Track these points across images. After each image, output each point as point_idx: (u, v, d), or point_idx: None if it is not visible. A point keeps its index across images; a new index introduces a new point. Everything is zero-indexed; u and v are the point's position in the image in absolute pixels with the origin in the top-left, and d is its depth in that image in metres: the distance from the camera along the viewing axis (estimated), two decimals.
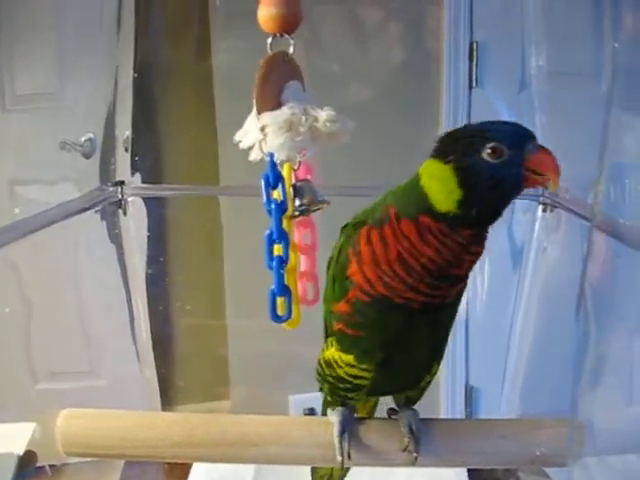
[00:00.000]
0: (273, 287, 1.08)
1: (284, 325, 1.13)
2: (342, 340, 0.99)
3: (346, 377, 1.01)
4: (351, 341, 0.97)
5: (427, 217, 0.86)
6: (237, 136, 1.06)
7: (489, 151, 0.83)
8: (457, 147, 0.86)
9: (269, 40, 1.06)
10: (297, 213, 1.13)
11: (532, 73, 2.07)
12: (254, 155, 1.06)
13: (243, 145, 1.05)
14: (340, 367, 1.00)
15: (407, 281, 0.88)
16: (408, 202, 0.89)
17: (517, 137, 0.84)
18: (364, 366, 0.98)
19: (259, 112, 1.02)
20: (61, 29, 2.33)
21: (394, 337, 0.94)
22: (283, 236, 1.06)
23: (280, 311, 1.10)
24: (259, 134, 1.02)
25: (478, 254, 0.89)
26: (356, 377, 1.00)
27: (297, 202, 1.13)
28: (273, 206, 1.05)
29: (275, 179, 1.05)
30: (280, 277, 1.07)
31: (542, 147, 0.85)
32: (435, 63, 2.55)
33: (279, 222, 1.06)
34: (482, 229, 0.89)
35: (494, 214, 0.87)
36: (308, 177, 1.17)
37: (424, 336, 0.95)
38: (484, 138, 0.84)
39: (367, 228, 0.92)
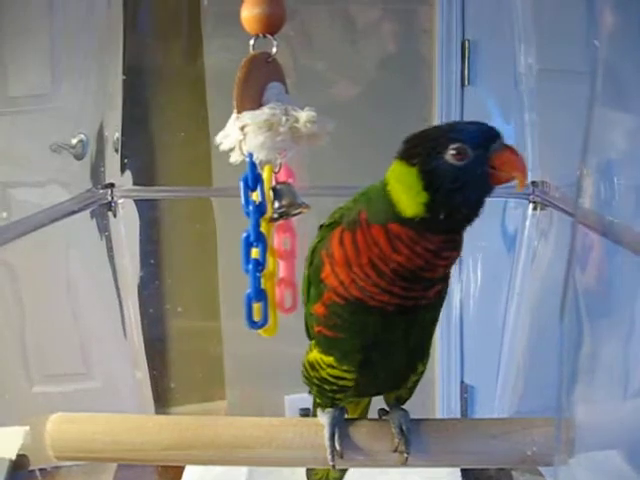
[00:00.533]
0: (249, 291, 1.06)
1: (260, 332, 1.12)
2: (322, 342, 0.99)
3: (329, 379, 1.01)
4: (330, 343, 0.98)
5: (396, 224, 0.86)
6: (218, 138, 1.06)
7: (453, 152, 0.82)
8: (422, 149, 0.85)
9: (251, 41, 1.06)
10: (276, 216, 1.12)
11: (521, 71, 2.07)
12: (234, 157, 1.05)
13: (224, 147, 1.05)
14: (323, 369, 1.01)
15: (379, 284, 0.87)
16: (377, 208, 0.88)
17: (481, 137, 0.83)
18: (345, 367, 0.98)
19: (239, 112, 1.02)
20: (52, 31, 2.33)
21: (372, 338, 0.94)
22: (260, 239, 1.05)
23: (256, 317, 1.09)
24: (239, 135, 1.01)
25: (452, 259, 0.89)
26: (339, 378, 1.00)
27: (276, 204, 1.12)
28: (251, 208, 1.04)
29: (254, 180, 1.04)
30: (256, 281, 1.06)
31: (507, 146, 0.84)
32: (427, 61, 2.56)
33: (257, 224, 1.04)
34: (456, 234, 0.88)
35: (465, 217, 0.86)
36: (289, 180, 1.17)
37: (403, 337, 0.94)
38: (448, 139, 0.83)
39: (340, 230, 0.91)
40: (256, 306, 1.08)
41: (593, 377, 0.87)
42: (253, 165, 1.03)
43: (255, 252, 1.05)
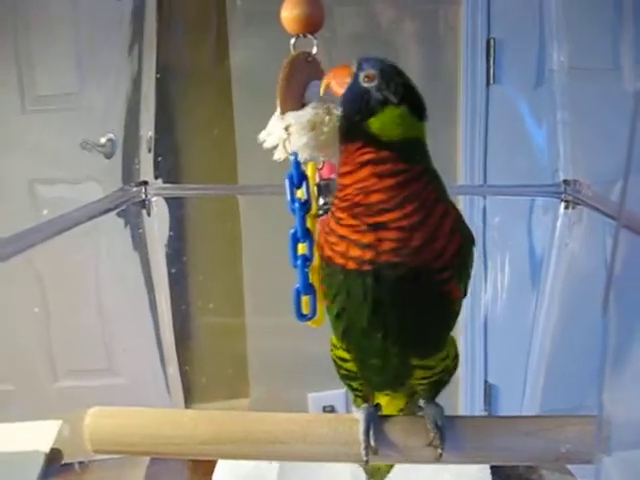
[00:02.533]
0: (297, 286, 1.08)
1: (309, 323, 1.14)
2: (330, 320, 1.01)
3: (337, 361, 1.05)
4: (332, 319, 1.00)
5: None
6: (261, 136, 1.07)
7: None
8: None
9: (292, 41, 1.07)
10: (321, 212, 1.13)
11: (553, 68, 2.06)
12: (278, 155, 1.06)
13: (267, 145, 1.06)
14: (334, 348, 1.05)
15: (336, 231, 0.91)
16: None
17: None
18: (344, 346, 1.00)
19: (282, 112, 1.03)
20: (80, 30, 2.36)
21: (358, 312, 0.93)
22: (307, 235, 1.06)
23: (305, 310, 1.11)
24: (283, 134, 1.02)
25: (413, 187, 0.90)
26: (343, 360, 1.03)
27: (321, 201, 1.13)
28: (297, 205, 1.05)
29: (299, 178, 1.05)
30: (305, 276, 1.08)
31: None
32: (453, 60, 2.55)
33: (303, 221, 1.06)
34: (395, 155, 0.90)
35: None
36: (332, 176, 1.18)
37: (397, 315, 0.92)
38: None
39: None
40: (304, 299, 1.09)
41: (629, 374, 0.87)
42: (297, 163, 1.04)
43: (302, 247, 1.07)
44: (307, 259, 1.07)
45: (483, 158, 2.54)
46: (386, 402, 1.14)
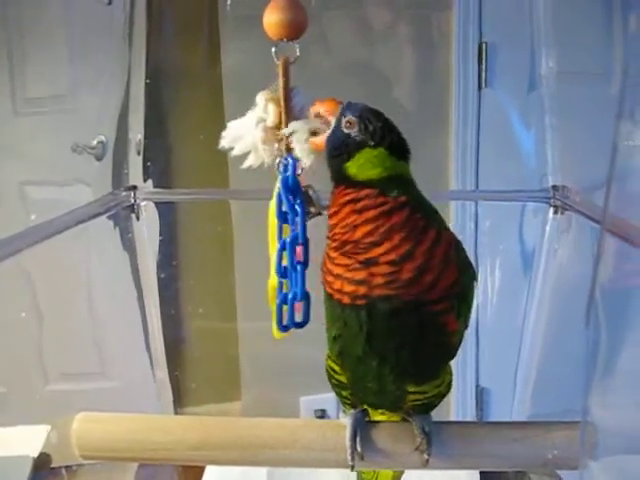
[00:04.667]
0: (294, 292, 1.09)
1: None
2: (327, 339, 1.03)
3: (330, 370, 1.07)
4: (329, 340, 1.01)
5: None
6: (225, 142, 1.08)
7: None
8: None
9: (273, 48, 1.07)
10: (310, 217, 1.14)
11: (542, 73, 2.07)
12: (250, 161, 1.07)
13: (236, 152, 1.07)
14: (327, 359, 1.07)
15: (337, 273, 0.93)
16: None
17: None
18: (339, 364, 1.03)
19: (288, 120, 1.04)
20: (72, 33, 2.35)
21: (359, 341, 0.94)
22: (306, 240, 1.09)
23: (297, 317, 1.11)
24: (258, 139, 1.04)
25: (383, 224, 0.91)
26: (335, 372, 1.05)
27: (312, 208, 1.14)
28: (298, 209, 1.07)
29: (294, 184, 1.07)
30: (303, 281, 1.08)
31: None
32: (444, 64, 2.55)
33: (303, 226, 1.08)
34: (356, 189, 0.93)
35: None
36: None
37: (392, 346, 0.94)
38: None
39: None
40: (298, 305, 1.11)
41: (615, 381, 0.87)
42: (294, 169, 1.06)
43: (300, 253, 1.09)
44: (305, 264, 1.09)
45: (475, 163, 2.55)
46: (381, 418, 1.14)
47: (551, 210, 1.85)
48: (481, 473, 1.70)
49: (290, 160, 1.05)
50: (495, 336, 2.59)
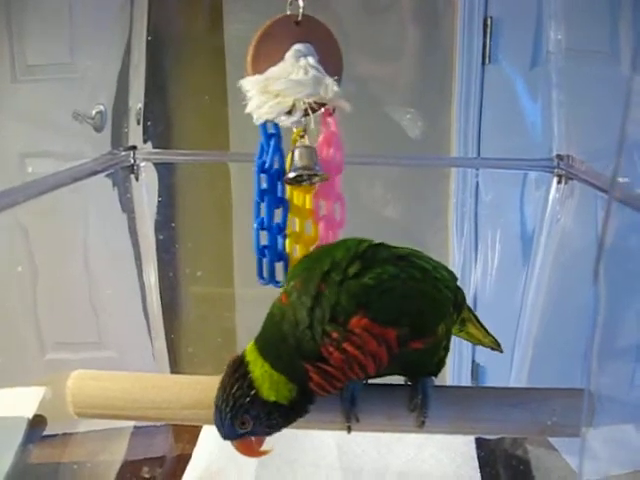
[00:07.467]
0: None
1: None
2: None
3: None
4: None
5: None
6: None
7: None
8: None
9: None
10: (292, 175, 1.12)
11: (550, 49, 2.03)
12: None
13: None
14: None
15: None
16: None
17: None
18: None
19: (252, 73, 1.04)
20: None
21: None
22: (283, 202, 1.16)
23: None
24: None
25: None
26: None
27: (293, 165, 1.12)
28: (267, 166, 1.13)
29: (266, 140, 1.11)
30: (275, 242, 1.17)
31: None
32: (449, 38, 2.52)
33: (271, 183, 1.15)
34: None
35: None
36: (331, 151, 1.17)
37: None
38: None
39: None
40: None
41: (617, 350, 0.86)
42: (263, 126, 1.09)
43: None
44: (280, 227, 1.14)
45: (477, 135, 2.53)
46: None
47: (555, 179, 1.84)
48: (477, 442, 1.70)
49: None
50: (494, 310, 2.59)
